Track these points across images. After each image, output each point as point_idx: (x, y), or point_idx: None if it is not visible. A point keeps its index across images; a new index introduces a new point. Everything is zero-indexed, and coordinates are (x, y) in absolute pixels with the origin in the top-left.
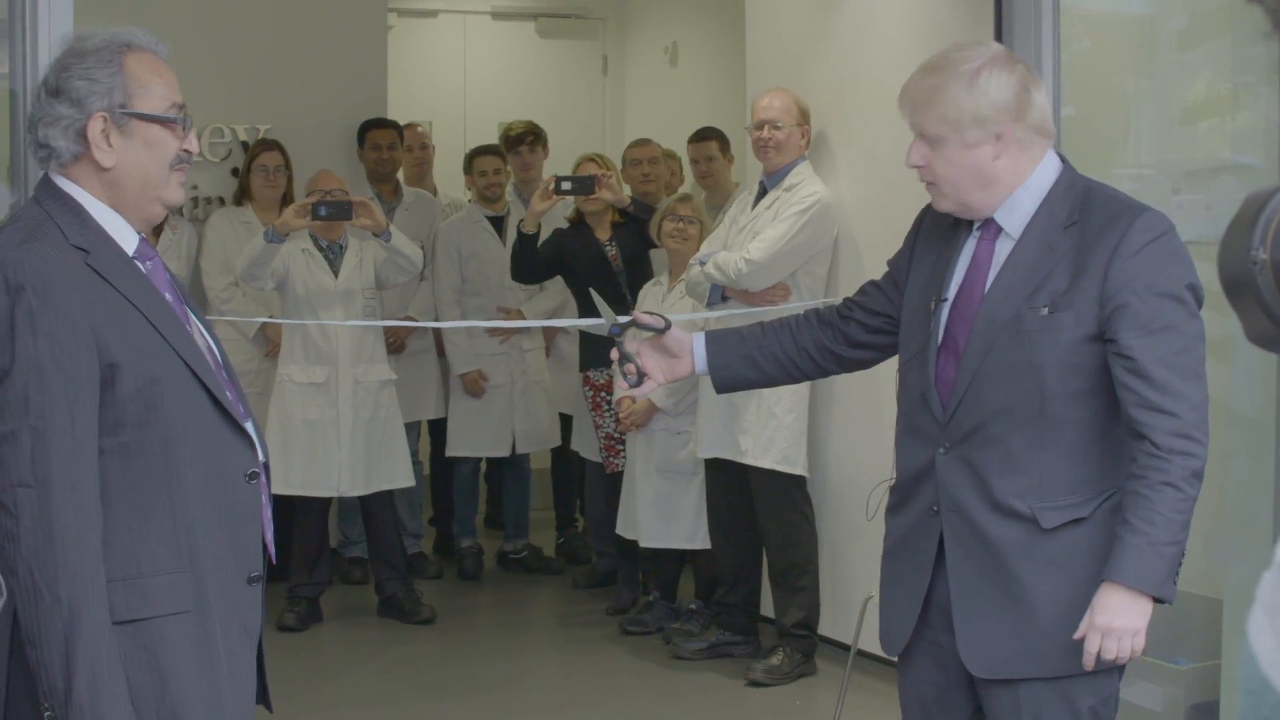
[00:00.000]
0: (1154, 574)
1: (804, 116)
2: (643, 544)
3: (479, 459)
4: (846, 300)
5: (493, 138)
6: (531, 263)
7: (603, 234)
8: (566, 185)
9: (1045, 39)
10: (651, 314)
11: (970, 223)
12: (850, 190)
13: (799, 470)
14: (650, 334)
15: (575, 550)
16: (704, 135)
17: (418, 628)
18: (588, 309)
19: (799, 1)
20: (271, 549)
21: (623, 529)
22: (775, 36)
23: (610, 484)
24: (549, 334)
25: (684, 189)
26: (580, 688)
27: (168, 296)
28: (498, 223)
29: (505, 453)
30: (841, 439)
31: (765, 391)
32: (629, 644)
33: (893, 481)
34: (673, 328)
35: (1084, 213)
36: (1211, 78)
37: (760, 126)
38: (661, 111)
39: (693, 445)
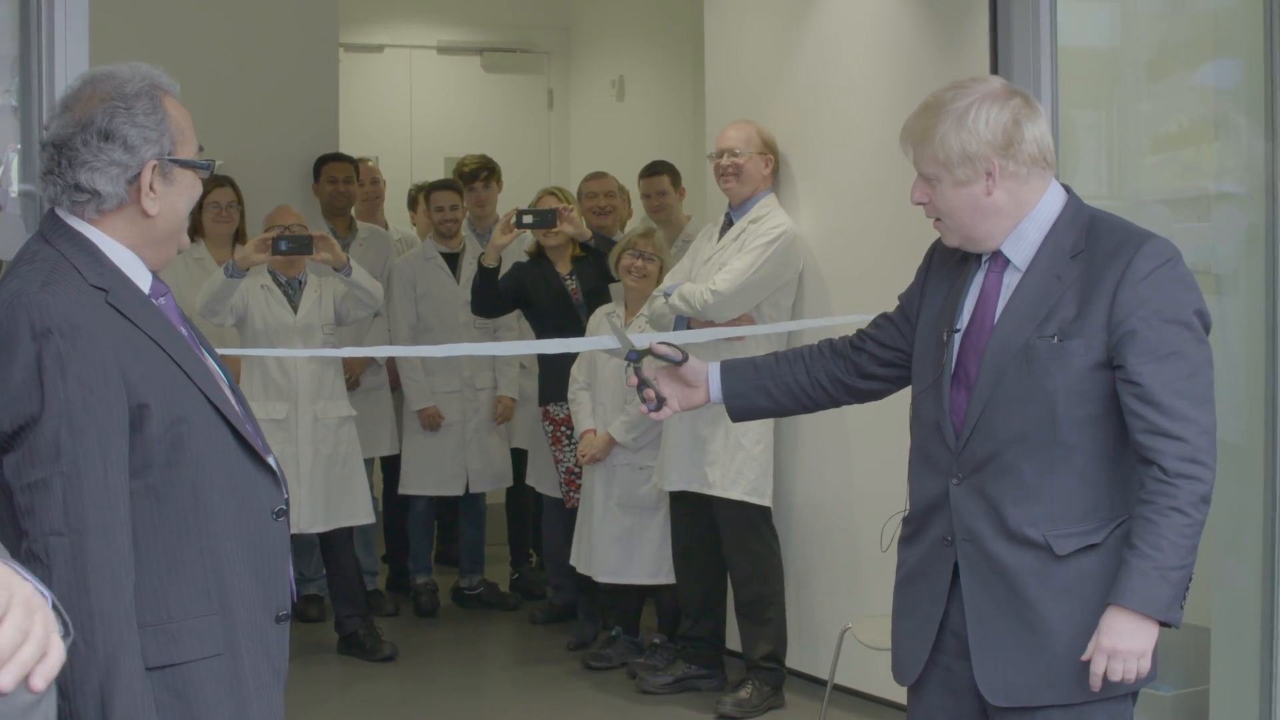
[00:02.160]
0: (1159, 598)
1: (767, 146)
2: (599, 580)
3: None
4: (859, 332)
5: (439, 172)
6: (492, 296)
7: (563, 267)
8: (528, 219)
9: (1044, 81)
10: (669, 345)
11: (979, 255)
12: (814, 222)
13: (766, 501)
14: (666, 364)
15: (530, 585)
16: (655, 170)
17: (380, 665)
18: (545, 337)
19: (758, 33)
20: (293, 587)
21: (578, 563)
22: (735, 69)
23: (568, 518)
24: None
25: (632, 222)
26: None
27: (184, 332)
28: (451, 259)
29: (459, 492)
30: (807, 469)
31: (731, 421)
32: (593, 679)
33: (906, 512)
34: (690, 358)
35: (1090, 241)
36: (1185, 108)
37: (720, 154)
38: (608, 145)
39: (656, 479)
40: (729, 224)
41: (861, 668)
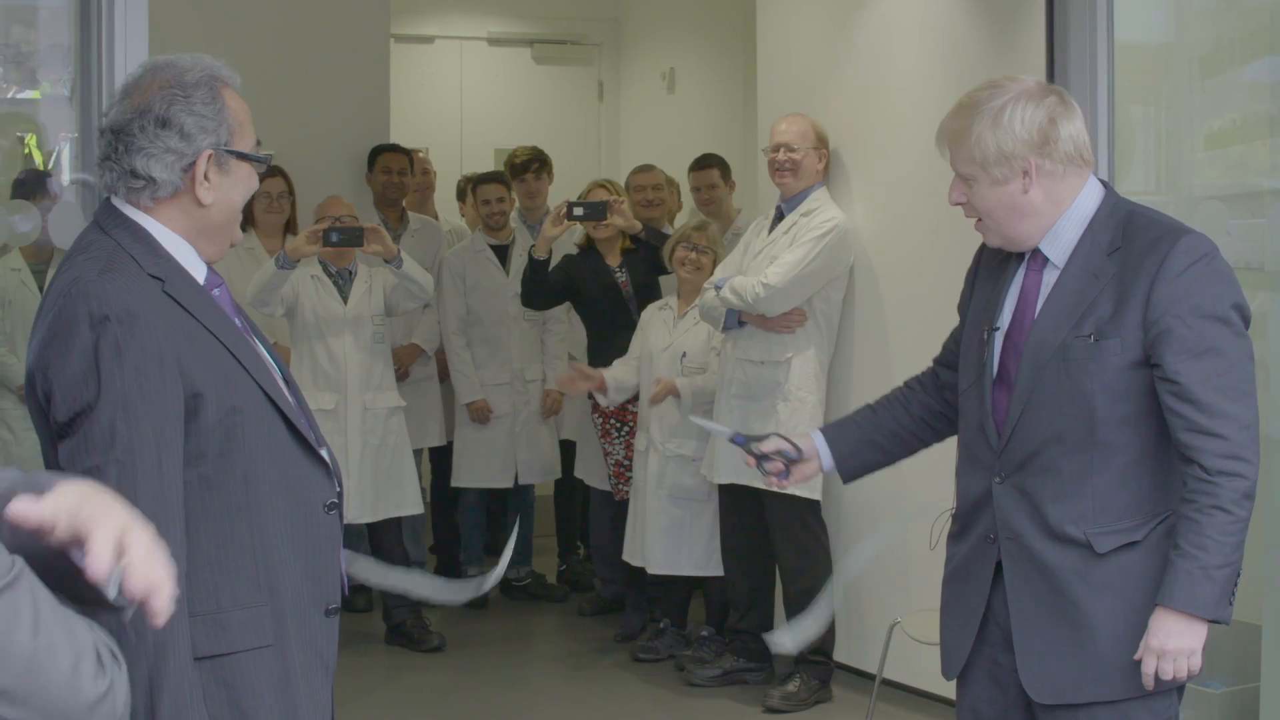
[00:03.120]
0: (1206, 597)
1: (821, 141)
2: (651, 571)
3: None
4: (935, 361)
5: (489, 164)
6: (542, 288)
7: (613, 260)
8: (579, 211)
9: (1101, 76)
10: (784, 440)
11: (1020, 254)
12: (866, 217)
13: (815, 495)
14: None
15: (578, 577)
16: (706, 163)
17: (427, 655)
18: (596, 334)
19: (811, 28)
20: (345, 580)
21: (630, 556)
22: (787, 63)
23: (617, 511)
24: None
25: (682, 215)
26: (594, 714)
27: (238, 323)
28: (501, 251)
29: (509, 484)
30: None
31: (781, 414)
32: (640, 671)
33: (954, 509)
34: (802, 446)
35: (1126, 238)
36: (1240, 104)
37: (776, 149)
38: (659, 137)
39: (705, 471)
40: (780, 217)
41: (910, 662)
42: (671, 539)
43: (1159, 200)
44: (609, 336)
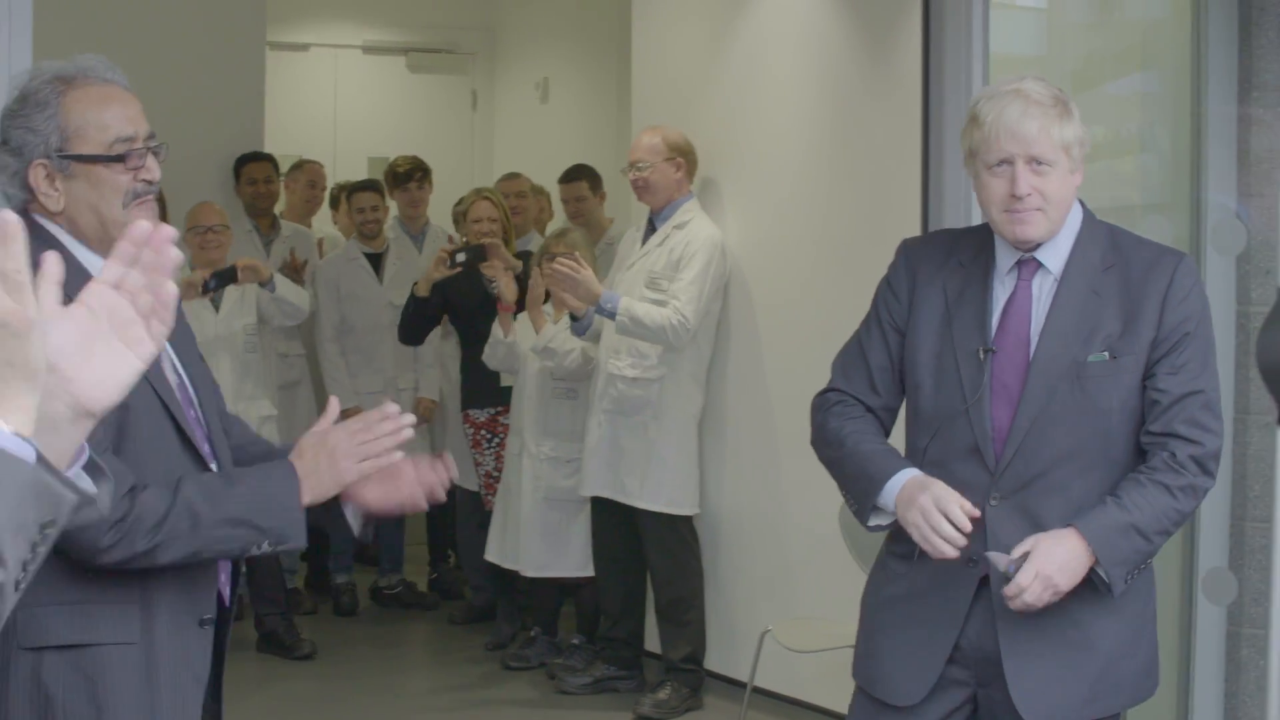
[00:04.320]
0: (1117, 551)
1: (675, 151)
2: (526, 574)
3: None
4: (862, 400)
5: (363, 172)
6: (422, 325)
7: (489, 271)
8: (461, 257)
9: (975, 82)
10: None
11: (987, 262)
12: (741, 227)
13: (687, 511)
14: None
15: (448, 585)
16: (574, 175)
17: (299, 663)
18: (472, 345)
19: (686, 38)
20: (226, 593)
21: (499, 558)
22: (662, 73)
23: (485, 518)
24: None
25: (553, 224)
26: None
27: None
28: (375, 259)
29: None
30: (733, 474)
31: (652, 432)
32: (512, 679)
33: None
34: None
35: (1117, 255)
36: (1109, 119)
37: (630, 167)
38: (532, 147)
39: (576, 483)
40: (651, 228)
41: (781, 670)
42: (547, 542)
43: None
44: (483, 347)
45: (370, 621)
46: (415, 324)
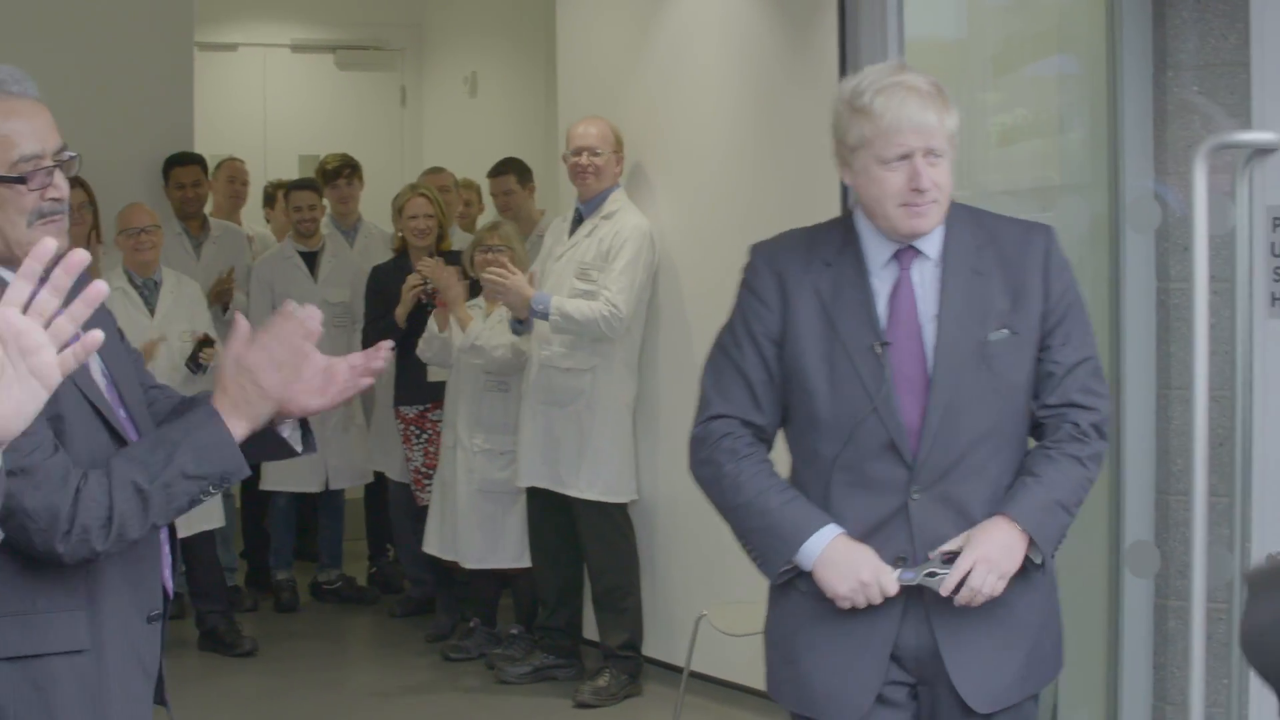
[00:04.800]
0: (1047, 529)
1: (619, 144)
2: (465, 565)
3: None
4: (742, 420)
5: (294, 170)
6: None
7: (419, 261)
8: (430, 286)
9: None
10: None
11: (856, 257)
12: (669, 218)
13: (623, 499)
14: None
15: (388, 579)
16: (501, 169)
17: (240, 660)
18: (405, 339)
19: (611, 31)
20: (169, 587)
21: (438, 550)
22: (588, 66)
23: (420, 511)
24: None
25: (484, 218)
26: (407, 714)
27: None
28: (310, 258)
29: (318, 488)
30: (667, 461)
31: (585, 422)
32: (452, 670)
33: None
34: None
35: (985, 234)
36: (1030, 101)
37: (578, 153)
38: (461, 141)
39: (512, 474)
40: (579, 219)
41: (717, 654)
42: (485, 534)
43: (962, 195)
44: (416, 342)
45: (311, 617)
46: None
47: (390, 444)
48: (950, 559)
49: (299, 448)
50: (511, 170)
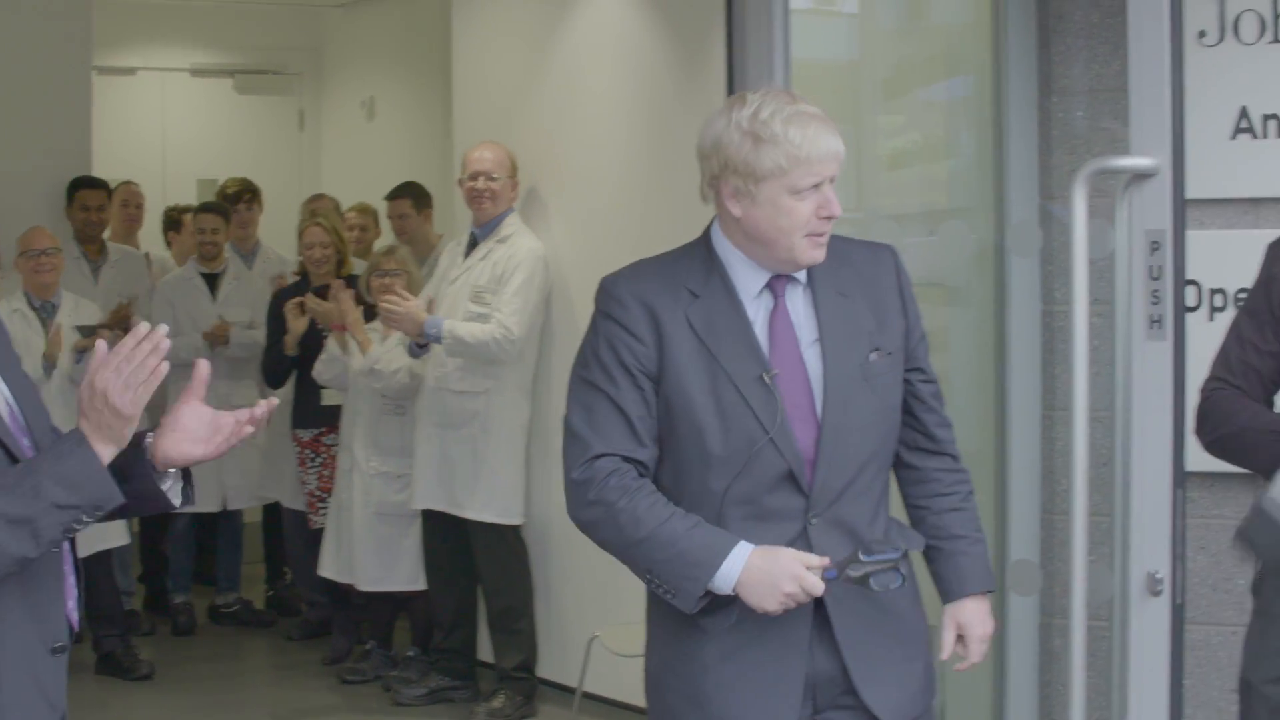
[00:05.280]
0: (991, 578)
1: (514, 169)
2: (362, 588)
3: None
4: (626, 442)
5: (192, 194)
6: (284, 371)
7: (344, 292)
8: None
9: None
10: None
11: (724, 286)
12: (563, 241)
13: (517, 520)
14: None
15: (286, 602)
16: (398, 194)
17: (137, 684)
18: (302, 363)
19: (506, 56)
20: (74, 618)
21: (334, 573)
22: (483, 90)
23: (314, 534)
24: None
25: (380, 243)
26: None
27: None
28: (211, 279)
29: (215, 508)
30: (557, 484)
31: (479, 444)
32: (348, 693)
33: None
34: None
35: (837, 255)
36: (921, 124)
37: (475, 178)
38: (359, 166)
39: (407, 496)
40: (474, 243)
41: (610, 675)
42: (381, 556)
43: (854, 218)
44: (313, 366)
45: (209, 640)
46: (277, 370)
47: (282, 469)
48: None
49: (176, 501)
50: (408, 194)
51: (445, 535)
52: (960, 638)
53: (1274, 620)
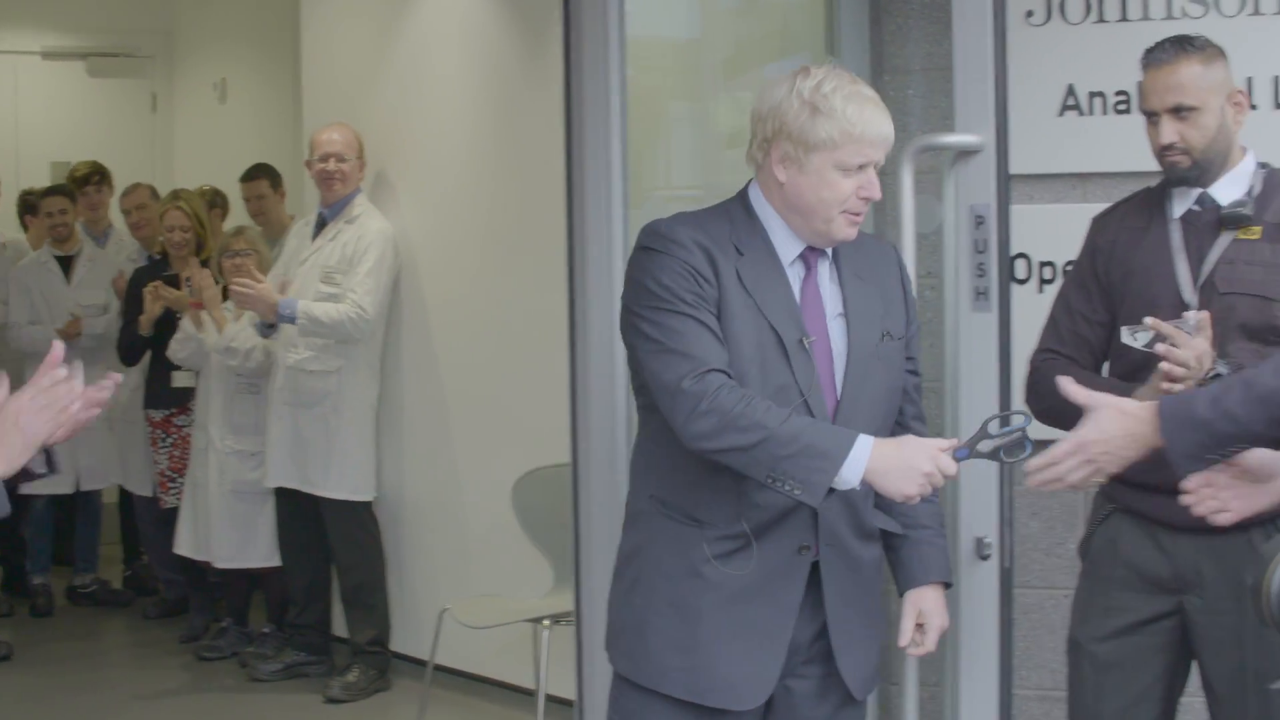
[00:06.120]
0: (950, 571)
1: (362, 150)
2: (217, 565)
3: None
4: (718, 359)
5: (45, 178)
6: (139, 350)
7: (183, 269)
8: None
9: (613, 70)
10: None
11: (768, 249)
12: (411, 222)
13: (369, 497)
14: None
15: (143, 581)
16: (254, 174)
17: None
18: (160, 341)
19: (354, 38)
20: None
21: (190, 551)
22: (331, 73)
23: (164, 514)
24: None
25: (229, 223)
26: (162, 715)
27: None
28: (65, 261)
29: (69, 490)
30: (411, 458)
31: (331, 422)
32: (206, 670)
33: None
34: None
35: (855, 242)
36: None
37: (325, 159)
38: (211, 147)
39: (260, 474)
40: (322, 223)
41: (461, 648)
42: (236, 534)
43: (695, 195)
44: (167, 346)
45: (67, 621)
46: (132, 349)
47: (129, 454)
48: (1004, 421)
49: (41, 469)
50: (264, 175)
51: (299, 512)
52: (919, 625)
53: (1100, 581)
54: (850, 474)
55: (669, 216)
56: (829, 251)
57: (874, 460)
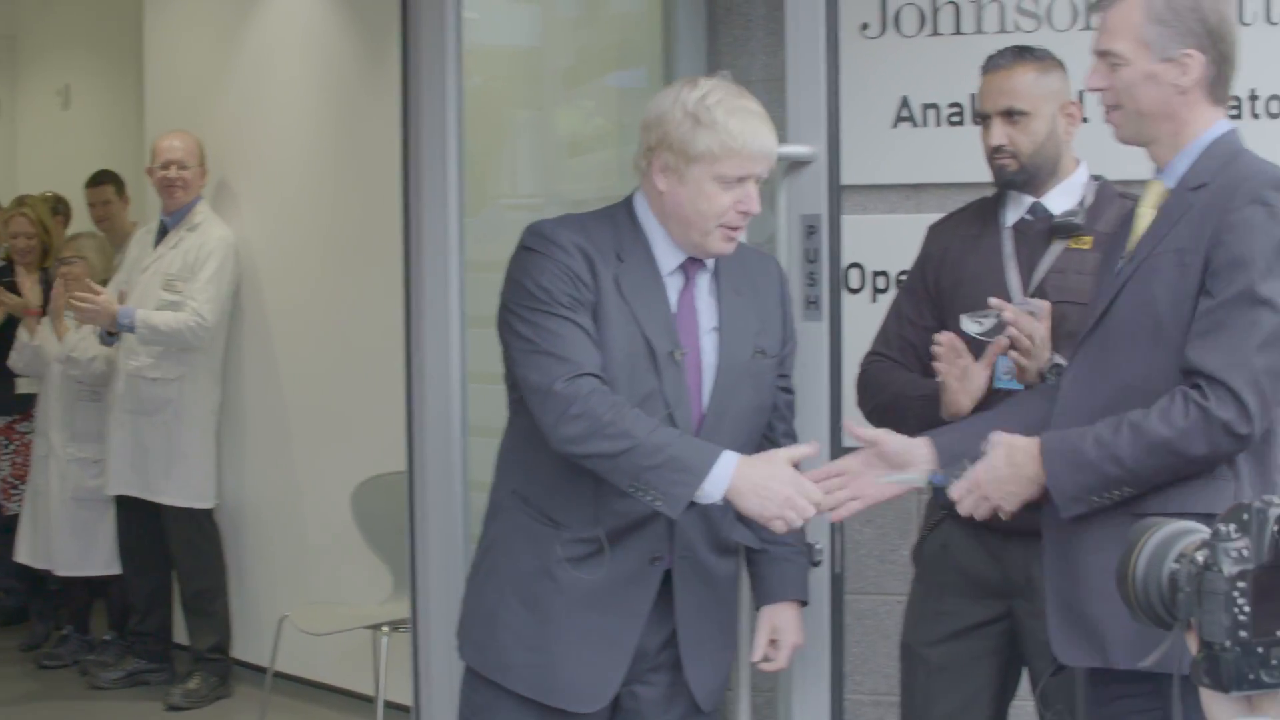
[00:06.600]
0: (808, 591)
1: (204, 157)
2: (58, 573)
3: None
4: (592, 362)
5: None
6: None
7: (28, 279)
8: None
9: (450, 78)
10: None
11: (647, 259)
12: (252, 230)
13: (209, 504)
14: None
15: None
16: (99, 180)
17: None
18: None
19: (197, 45)
20: None
21: (30, 559)
22: (174, 80)
23: (7, 522)
24: None
25: (72, 229)
26: None
27: None
28: None
29: None
30: (251, 465)
31: (172, 430)
32: (46, 678)
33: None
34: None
35: (736, 256)
36: (602, 111)
37: (166, 167)
38: (55, 154)
39: (101, 482)
40: (164, 230)
41: (301, 654)
42: (78, 541)
43: (536, 204)
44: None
45: None
46: None
47: None
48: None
49: None
50: (109, 181)
51: (139, 520)
52: (773, 642)
53: (932, 586)
54: (713, 489)
55: (554, 218)
56: (709, 263)
57: (737, 479)
